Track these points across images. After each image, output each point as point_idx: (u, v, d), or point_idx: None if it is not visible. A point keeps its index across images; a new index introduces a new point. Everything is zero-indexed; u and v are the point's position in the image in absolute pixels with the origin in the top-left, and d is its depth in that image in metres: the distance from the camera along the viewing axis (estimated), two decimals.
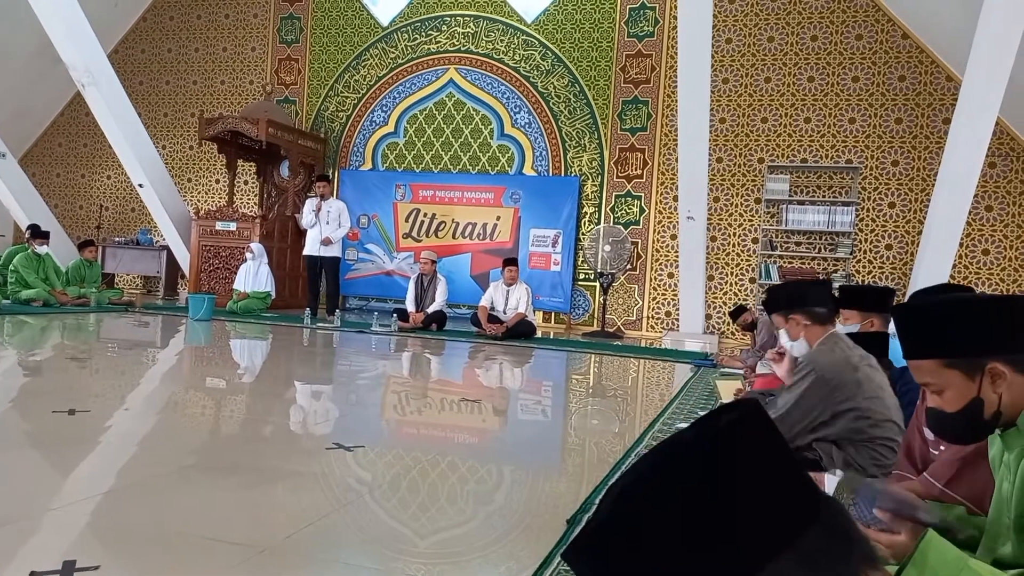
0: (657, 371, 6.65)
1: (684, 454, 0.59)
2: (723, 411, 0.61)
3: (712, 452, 0.58)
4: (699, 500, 0.57)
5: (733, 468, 0.58)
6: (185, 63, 11.88)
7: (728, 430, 0.59)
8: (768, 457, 0.59)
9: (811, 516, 0.58)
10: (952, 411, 1.36)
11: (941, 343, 1.35)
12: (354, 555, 2.14)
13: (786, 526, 0.57)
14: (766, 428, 0.60)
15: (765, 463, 0.59)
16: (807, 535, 0.57)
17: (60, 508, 2.29)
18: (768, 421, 0.61)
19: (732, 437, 0.59)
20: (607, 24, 10.01)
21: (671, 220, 9.66)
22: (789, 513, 0.58)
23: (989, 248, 8.74)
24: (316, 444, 3.44)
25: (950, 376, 1.34)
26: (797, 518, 0.58)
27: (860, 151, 9.13)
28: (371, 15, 11.00)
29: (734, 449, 0.58)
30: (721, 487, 0.57)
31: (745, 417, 0.60)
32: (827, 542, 0.58)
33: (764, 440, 0.60)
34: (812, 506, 0.59)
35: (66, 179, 12.53)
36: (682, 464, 0.59)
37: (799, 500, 0.59)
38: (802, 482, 0.60)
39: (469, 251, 10.32)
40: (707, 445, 0.58)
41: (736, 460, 0.58)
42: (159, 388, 4.91)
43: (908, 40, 8.95)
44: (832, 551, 0.58)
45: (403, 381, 5.74)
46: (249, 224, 9.89)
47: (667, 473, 0.59)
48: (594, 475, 3.12)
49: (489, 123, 10.47)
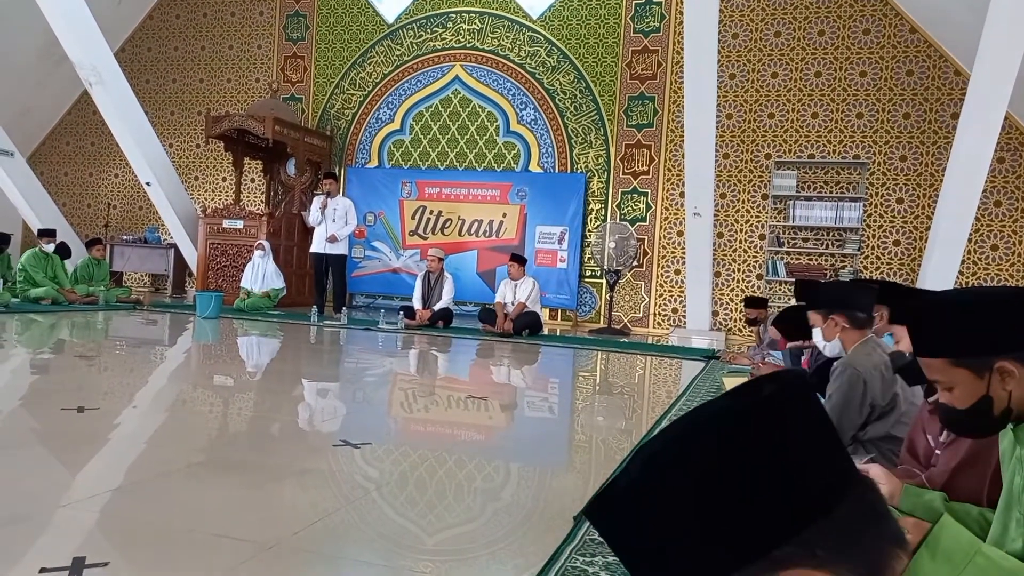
0: (664, 368, 6.64)
1: (720, 421, 0.59)
2: (766, 380, 0.61)
3: (749, 417, 0.58)
4: (732, 465, 0.57)
5: (770, 436, 0.58)
6: (191, 61, 11.91)
7: (768, 399, 0.59)
8: (806, 427, 0.60)
9: (845, 489, 0.59)
10: (962, 408, 1.36)
11: (948, 343, 1.35)
12: (362, 552, 2.14)
13: (821, 496, 0.57)
14: (809, 400, 0.61)
15: (803, 432, 0.60)
16: (842, 508, 0.58)
17: (69, 505, 2.30)
18: (811, 393, 0.62)
19: (771, 405, 0.59)
20: (613, 20, 9.99)
21: (678, 216, 9.64)
22: (825, 484, 0.58)
23: (998, 244, 8.69)
24: (323, 441, 3.45)
25: (959, 374, 1.35)
26: (833, 490, 0.58)
27: (868, 146, 9.08)
28: (377, 12, 10.99)
29: (773, 417, 0.59)
30: (756, 454, 0.57)
31: (788, 386, 0.60)
32: (860, 518, 0.59)
33: (806, 412, 0.61)
34: (848, 480, 0.59)
35: (74, 178, 12.58)
36: (717, 430, 0.59)
37: (836, 472, 0.59)
38: (839, 455, 0.60)
39: (475, 248, 10.32)
40: (744, 412, 0.59)
41: (774, 428, 0.58)
42: (167, 386, 4.93)
43: (916, 34, 8.90)
44: (865, 526, 0.59)
45: (410, 378, 5.75)
46: (256, 222, 9.91)
47: (700, 437, 0.59)
48: (601, 472, 3.12)
49: (495, 120, 10.46)
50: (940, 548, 1.05)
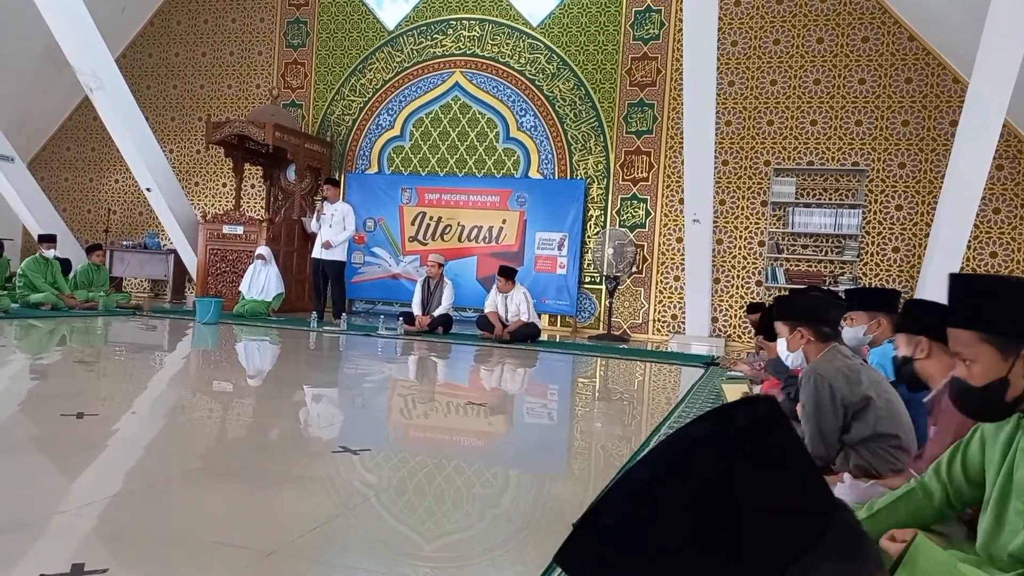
0: (663, 374, 6.64)
1: (700, 455, 0.57)
2: (739, 408, 0.60)
3: (730, 454, 0.57)
4: (720, 502, 0.55)
5: (754, 470, 0.57)
6: (192, 67, 11.94)
7: (748, 430, 0.58)
8: (787, 459, 0.59)
9: (827, 519, 0.58)
10: (977, 385, 1.37)
11: (982, 317, 1.37)
12: (360, 558, 2.14)
13: (805, 530, 0.57)
14: (784, 428, 0.60)
15: (786, 464, 0.58)
16: (825, 538, 0.57)
17: (68, 511, 2.30)
18: (786, 420, 0.60)
19: (751, 438, 0.58)
20: (612, 27, 10.02)
21: (677, 223, 9.65)
22: (808, 516, 0.57)
23: (997, 251, 8.70)
24: (323, 448, 3.45)
25: (983, 350, 1.36)
26: (815, 521, 0.57)
27: (867, 153, 9.10)
28: (377, 19, 11.03)
29: (754, 450, 0.57)
30: (743, 489, 0.56)
31: (765, 416, 0.59)
32: (846, 544, 0.58)
33: (783, 441, 0.59)
34: (828, 509, 0.59)
35: (74, 183, 12.59)
36: (701, 464, 0.57)
37: (816, 503, 0.59)
38: (818, 485, 0.60)
39: (475, 254, 10.33)
40: (727, 445, 0.57)
41: (757, 461, 0.57)
42: (166, 392, 4.93)
43: (915, 42, 8.93)
44: (851, 553, 0.58)
45: (409, 385, 5.75)
46: (256, 228, 9.92)
47: (681, 475, 0.57)
48: (600, 478, 3.12)
49: (495, 126, 10.48)
50: (919, 567, 1.06)
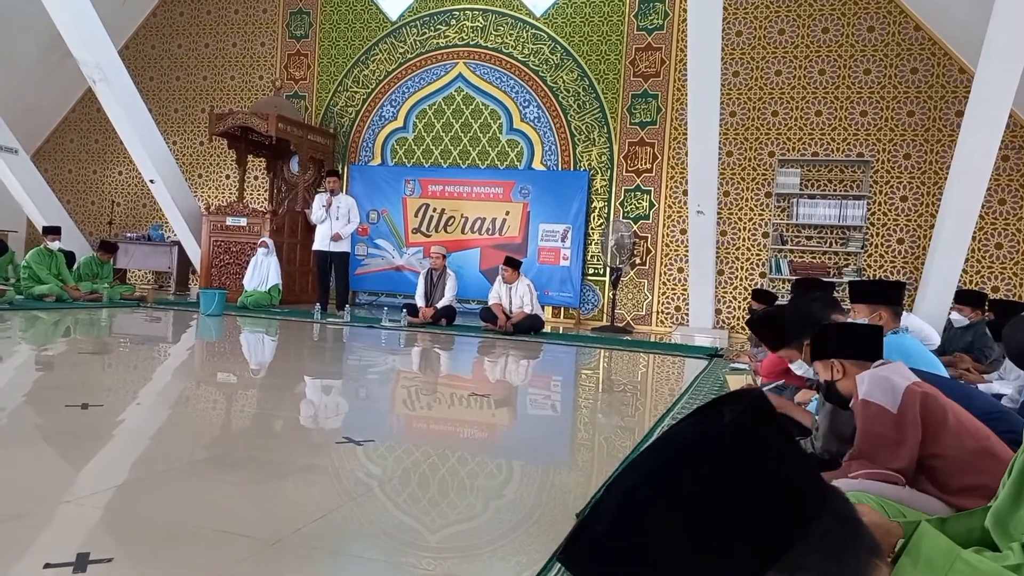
0: (667, 366, 6.64)
1: (690, 452, 0.58)
2: (725, 403, 0.60)
3: (719, 449, 0.57)
4: (708, 500, 0.56)
5: (742, 465, 0.57)
6: (195, 59, 11.92)
7: (733, 426, 0.58)
8: (775, 450, 0.58)
9: (819, 507, 0.58)
10: None
11: None
12: (364, 548, 2.15)
13: (797, 518, 0.56)
14: (771, 420, 0.59)
15: (773, 457, 0.58)
16: (817, 526, 0.57)
17: (73, 501, 2.31)
18: (772, 412, 0.60)
19: (738, 433, 0.58)
20: (616, 17, 9.97)
21: (681, 214, 9.63)
22: (799, 505, 0.57)
23: (1002, 242, 8.67)
24: (326, 438, 3.46)
25: None
26: (807, 510, 0.57)
27: (871, 144, 9.06)
28: (380, 10, 10.99)
29: (741, 446, 0.57)
30: (731, 486, 0.56)
31: (749, 410, 0.59)
32: (836, 532, 0.58)
33: (770, 433, 0.59)
34: (820, 497, 0.58)
35: (78, 175, 12.60)
36: (688, 463, 0.57)
37: (808, 491, 0.58)
38: (808, 473, 0.59)
39: (478, 246, 10.32)
40: (712, 442, 0.57)
41: (744, 457, 0.57)
42: (171, 383, 4.94)
43: (920, 32, 8.88)
44: (842, 541, 0.58)
45: (413, 376, 5.76)
46: (259, 219, 9.92)
47: (673, 473, 0.57)
48: (603, 469, 3.12)
49: (498, 118, 10.45)
50: (921, 555, 1.07)
